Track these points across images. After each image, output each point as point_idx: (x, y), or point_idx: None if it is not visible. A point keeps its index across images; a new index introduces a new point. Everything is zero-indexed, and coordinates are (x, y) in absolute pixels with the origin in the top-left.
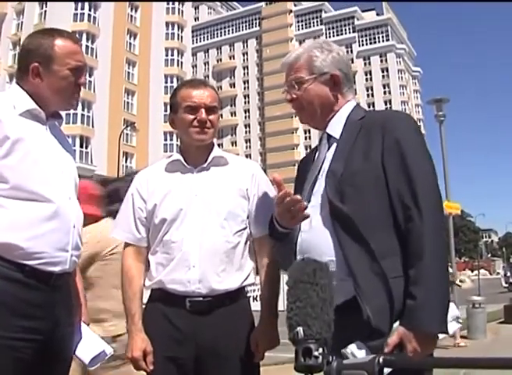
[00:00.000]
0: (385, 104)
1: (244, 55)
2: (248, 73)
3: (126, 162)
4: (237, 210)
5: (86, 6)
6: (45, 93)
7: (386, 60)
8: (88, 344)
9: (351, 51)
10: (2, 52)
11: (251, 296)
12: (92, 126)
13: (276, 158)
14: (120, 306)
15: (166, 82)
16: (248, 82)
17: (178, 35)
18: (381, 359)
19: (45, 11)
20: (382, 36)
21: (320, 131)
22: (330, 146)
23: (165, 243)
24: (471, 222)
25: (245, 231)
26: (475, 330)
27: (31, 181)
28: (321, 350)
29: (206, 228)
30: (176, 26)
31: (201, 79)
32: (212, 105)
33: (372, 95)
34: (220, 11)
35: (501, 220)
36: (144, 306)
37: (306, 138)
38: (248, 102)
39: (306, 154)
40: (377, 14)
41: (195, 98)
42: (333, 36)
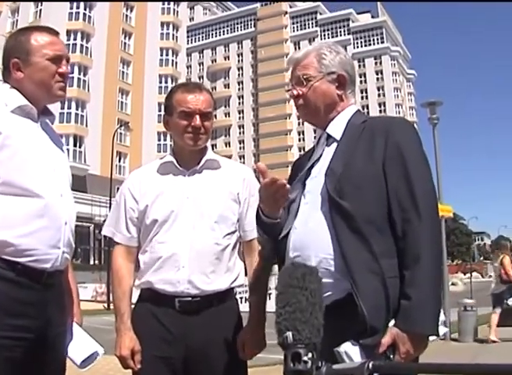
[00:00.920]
0: (379, 106)
1: (239, 56)
2: (243, 74)
3: (120, 162)
4: (228, 213)
5: (81, 5)
6: (29, 87)
7: (381, 62)
8: (80, 344)
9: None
10: None
11: (242, 297)
12: (86, 125)
13: (270, 159)
14: None
15: (160, 82)
16: (243, 83)
17: (173, 35)
18: (370, 365)
19: (40, 9)
20: (377, 38)
21: (314, 133)
22: (329, 146)
23: (156, 243)
24: (464, 225)
25: (235, 234)
26: (466, 333)
27: (22, 177)
28: (310, 355)
29: (196, 230)
30: (171, 26)
31: (197, 82)
32: (207, 111)
33: (367, 97)
34: (215, 11)
35: (494, 223)
36: (134, 306)
37: (300, 140)
38: (242, 103)
39: (300, 155)
40: (372, 16)
41: (190, 104)
42: (328, 38)
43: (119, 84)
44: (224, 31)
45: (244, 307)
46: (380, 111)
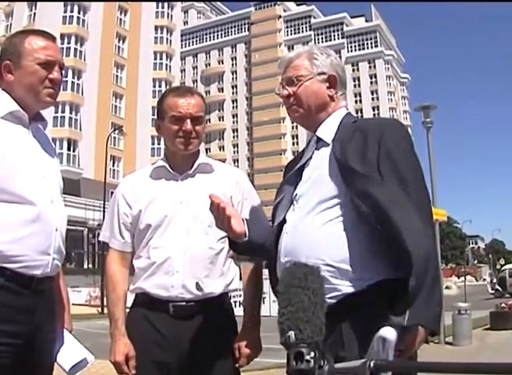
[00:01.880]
0: (373, 110)
1: (233, 60)
2: (237, 78)
3: (114, 166)
4: None
5: (75, 9)
6: (18, 90)
7: (375, 66)
8: (69, 351)
9: (340, 57)
10: None
11: (237, 301)
12: (80, 129)
13: (264, 163)
14: None
15: (154, 86)
16: (237, 87)
17: (167, 39)
18: (372, 363)
19: (34, 13)
20: (371, 42)
21: (308, 137)
22: (318, 149)
23: (149, 248)
24: (458, 228)
25: None
26: (461, 337)
27: (12, 184)
28: (312, 354)
29: (190, 234)
30: (165, 30)
31: (188, 86)
32: (198, 115)
33: (360, 101)
34: (209, 15)
35: (488, 227)
36: (128, 310)
37: (294, 144)
38: (236, 107)
39: (292, 158)
40: (366, 20)
41: (181, 108)
42: (322, 42)
43: (113, 88)
44: (218, 35)
45: (239, 311)
46: (374, 115)
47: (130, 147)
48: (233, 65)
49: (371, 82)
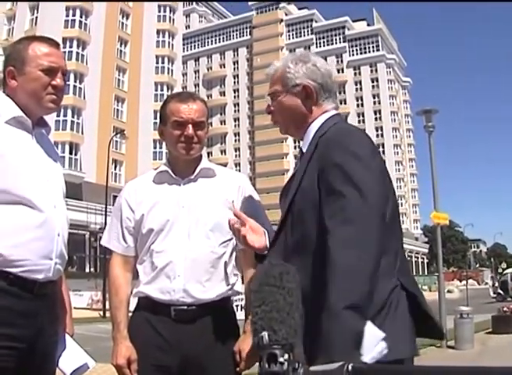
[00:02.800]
0: (374, 114)
1: (235, 64)
2: (238, 82)
3: (116, 170)
4: (223, 221)
5: (77, 13)
6: (21, 96)
7: (376, 70)
8: (71, 355)
9: (341, 60)
10: None
11: (238, 305)
12: (82, 132)
13: (266, 167)
14: None
15: (156, 90)
16: (238, 91)
17: (169, 43)
18: (350, 367)
19: (36, 17)
20: (373, 46)
21: None
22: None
23: (152, 252)
24: (460, 232)
25: (231, 242)
26: (463, 341)
27: (17, 187)
28: (286, 356)
29: (191, 239)
30: (167, 33)
31: (190, 92)
32: (200, 121)
33: (362, 105)
34: (211, 19)
35: (490, 231)
36: (131, 314)
37: (295, 148)
38: (238, 111)
39: (296, 164)
40: (368, 24)
41: (183, 114)
42: (324, 45)
43: (115, 92)
44: (220, 39)
45: (241, 315)
46: (375, 118)
47: (132, 150)
48: (235, 69)
49: (372, 86)
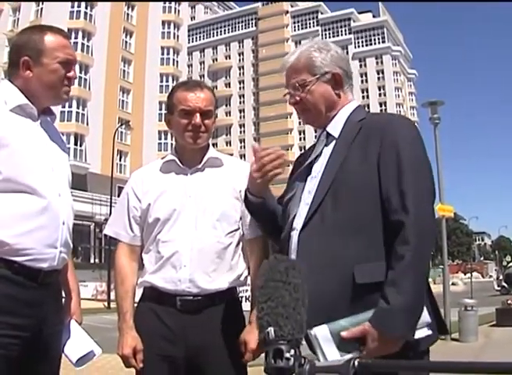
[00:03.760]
0: (380, 106)
1: (240, 55)
2: (244, 73)
3: (121, 161)
4: (230, 211)
5: (82, 4)
6: (35, 87)
7: (382, 62)
8: (77, 343)
9: (347, 52)
10: None
11: (243, 296)
12: (87, 124)
13: None
14: None
15: (162, 81)
16: (243, 82)
17: (174, 34)
18: (356, 362)
19: (41, 8)
20: (378, 38)
21: (315, 133)
22: (328, 144)
23: (158, 242)
24: (464, 225)
25: (237, 232)
26: (467, 333)
27: (21, 175)
28: (292, 351)
29: (198, 228)
30: (173, 25)
31: (198, 80)
32: (207, 109)
33: (367, 97)
34: (216, 10)
35: (494, 223)
36: (136, 304)
37: (300, 139)
38: (243, 102)
39: (300, 154)
40: (373, 16)
41: (190, 102)
42: (329, 37)
43: (120, 83)
44: (225, 30)
45: (246, 306)
46: (381, 110)
47: (137, 141)
48: (240, 60)
49: (378, 78)
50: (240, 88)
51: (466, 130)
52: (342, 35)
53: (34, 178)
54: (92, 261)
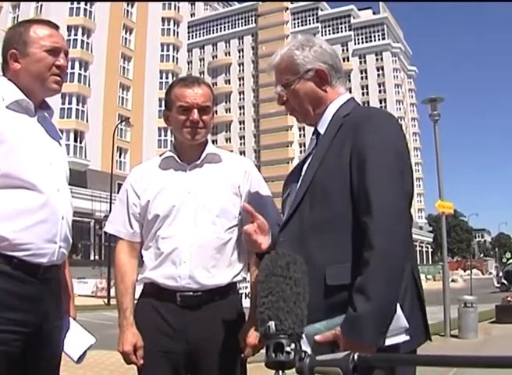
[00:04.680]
0: (379, 102)
1: (240, 52)
2: (243, 70)
3: (120, 158)
4: (229, 207)
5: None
6: (24, 79)
7: (382, 59)
8: (76, 340)
9: (347, 49)
10: None
11: (243, 293)
12: (86, 120)
13: (270, 155)
14: None
15: (161, 78)
16: (243, 79)
17: (174, 31)
18: (355, 356)
19: (41, 5)
20: (378, 35)
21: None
22: (318, 143)
23: (158, 238)
24: (464, 221)
25: (237, 228)
26: (466, 330)
27: (20, 170)
28: (293, 345)
29: (197, 225)
30: (172, 21)
31: (196, 76)
32: (205, 105)
33: (367, 94)
34: (216, 7)
35: (494, 220)
36: (136, 301)
37: (300, 136)
38: (243, 99)
39: (300, 151)
40: (373, 13)
41: (188, 98)
42: (329, 34)
43: (120, 80)
44: (225, 27)
45: (246, 303)
46: (381, 107)
47: (137, 138)
48: (240, 57)
49: (378, 74)
50: (240, 85)
51: (466, 127)
52: (342, 32)
53: (33, 174)
54: (92, 258)
